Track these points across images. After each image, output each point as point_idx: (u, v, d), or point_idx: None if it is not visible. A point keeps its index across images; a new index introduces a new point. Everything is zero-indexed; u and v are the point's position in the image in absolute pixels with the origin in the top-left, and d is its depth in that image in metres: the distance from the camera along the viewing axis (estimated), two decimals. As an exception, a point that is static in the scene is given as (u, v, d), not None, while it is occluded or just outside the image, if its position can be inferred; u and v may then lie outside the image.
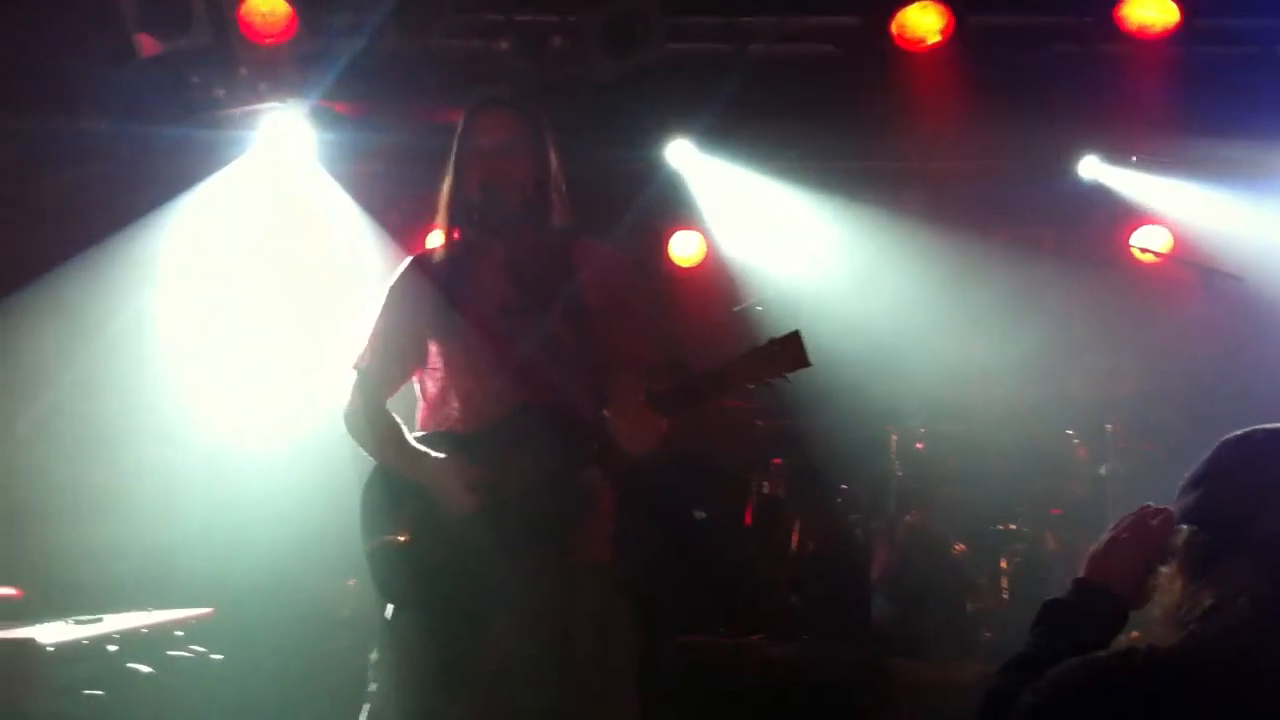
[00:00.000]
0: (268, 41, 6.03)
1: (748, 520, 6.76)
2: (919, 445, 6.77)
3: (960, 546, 6.51)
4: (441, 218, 3.73)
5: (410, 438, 3.61)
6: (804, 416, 6.62)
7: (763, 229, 7.51)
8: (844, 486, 6.79)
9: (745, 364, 3.51)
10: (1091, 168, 7.22)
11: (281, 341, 6.43)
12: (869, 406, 6.75)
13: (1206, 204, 7.10)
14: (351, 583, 5.88)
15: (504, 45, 6.51)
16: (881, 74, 6.54)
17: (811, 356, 3.51)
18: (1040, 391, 6.94)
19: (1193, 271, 6.88)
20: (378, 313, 3.73)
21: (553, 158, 3.71)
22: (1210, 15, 6.27)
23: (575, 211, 3.77)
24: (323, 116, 6.57)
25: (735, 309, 6.43)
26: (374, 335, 3.72)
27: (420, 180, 4.10)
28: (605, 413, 3.48)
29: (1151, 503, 2.49)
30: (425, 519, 3.51)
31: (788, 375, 3.52)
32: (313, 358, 5.93)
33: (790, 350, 3.51)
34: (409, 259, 3.81)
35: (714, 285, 7.48)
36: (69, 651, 4.06)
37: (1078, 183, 7.27)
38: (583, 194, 3.87)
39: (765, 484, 6.73)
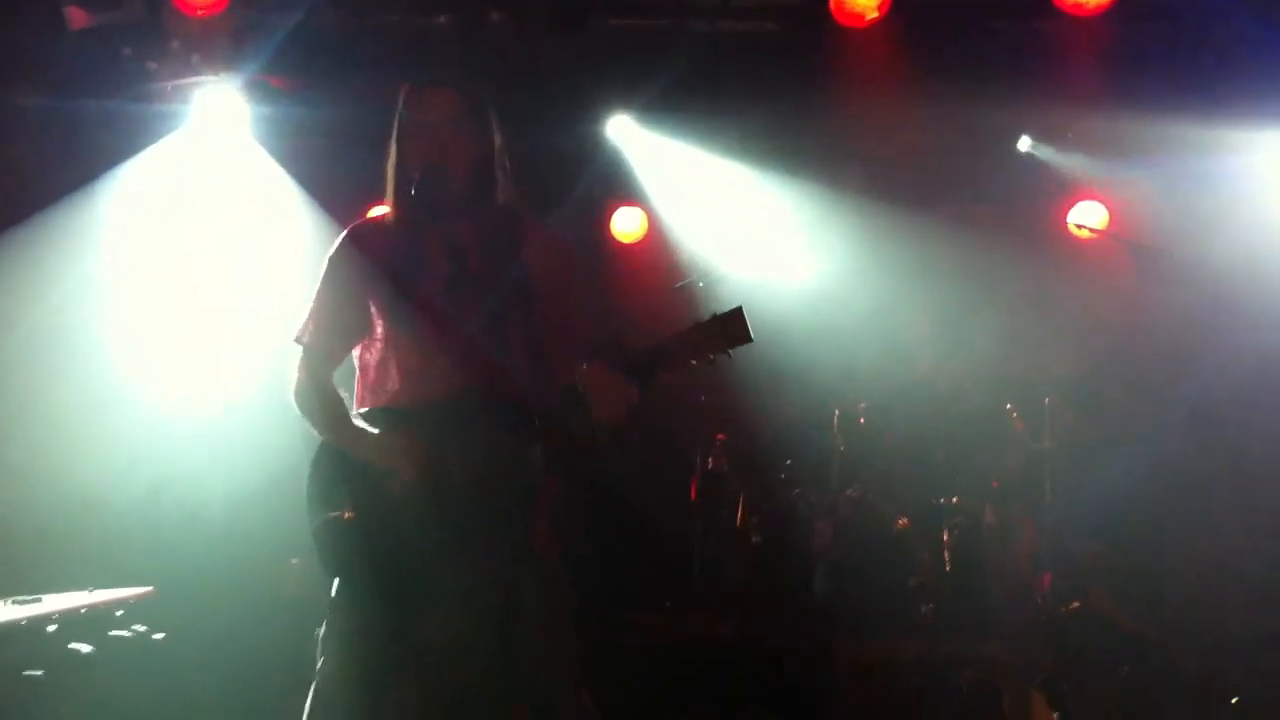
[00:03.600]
0: (200, 14, 5.92)
1: (692, 496, 6.78)
2: (861, 420, 6.82)
3: (902, 521, 6.56)
4: (388, 193, 3.69)
5: (354, 415, 3.58)
6: (748, 393, 6.65)
7: (705, 205, 7.53)
8: (788, 462, 6.81)
9: (688, 339, 3.51)
10: (1028, 145, 7.29)
11: (222, 316, 6.35)
12: (812, 383, 6.80)
13: (1141, 180, 7.19)
14: (295, 561, 5.84)
15: (442, 20, 6.47)
16: (821, 51, 6.57)
17: (754, 332, 3.51)
18: (981, 367, 7.01)
19: (1128, 248, 6.98)
20: (318, 284, 3.68)
21: (495, 135, 3.68)
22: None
23: (518, 189, 3.75)
24: (258, 90, 6.48)
25: (677, 285, 6.45)
26: (315, 308, 3.66)
27: (358, 157, 4.06)
28: (577, 383, 3.47)
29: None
30: (372, 496, 3.48)
31: (730, 351, 3.52)
32: (254, 332, 5.86)
33: (733, 326, 3.51)
34: (348, 228, 3.74)
35: (656, 261, 7.49)
36: (8, 632, 4.00)
37: (1016, 160, 7.34)
38: (526, 171, 3.84)
39: (709, 460, 6.75)
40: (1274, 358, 6.52)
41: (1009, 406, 6.72)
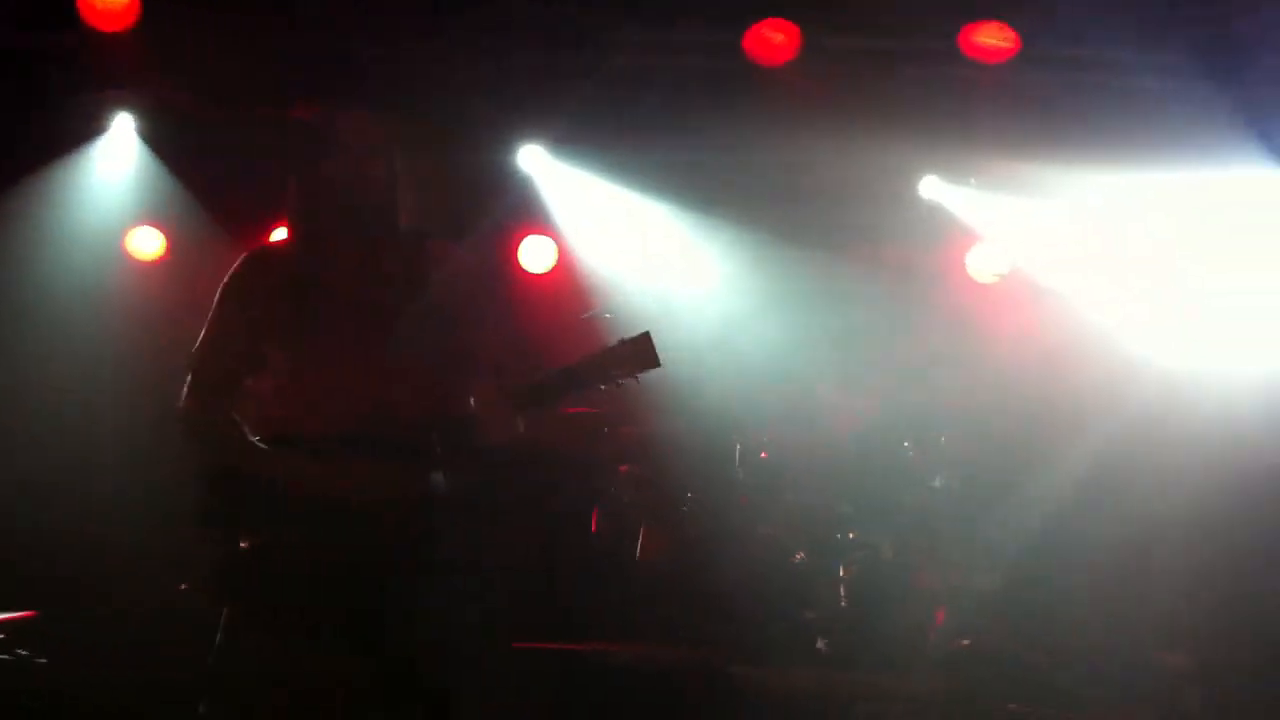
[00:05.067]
0: (108, 29, 5.86)
1: (593, 528, 6.78)
2: (763, 455, 6.87)
3: (799, 554, 6.62)
4: (291, 217, 3.65)
5: (247, 439, 3.52)
6: (651, 425, 6.69)
7: (615, 238, 7.56)
8: (689, 494, 6.84)
9: (596, 362, 3.55)
10: (932, 187, 7.43)
11: (120, 334, 6.25)
12: (715, 415, 6.84)
13: (1041, 225, 7.37)
14: (183, 587, 5.73)
15: (359, 41, 6.45)
16: (737, 88, 6.67)
17: (661, 357, 3.56)
18: (881, 404, 7.10)
19: (1027, 288, 7.14)
20: (212, 310, 3.62)
21: (398, 159, 3.68)
22: (1047, 44, 6.50)
23: (427, 213, 3.74)
24: (164, 109, 6.42)
25: (584, 315, 6.47)
26: (208, 334, 3.58)
27: (263, 177, 4.03)
28: (466, 410, 3.48)
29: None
30: (272, 523, 3.45)
31: (638, 375, 3.57)
32: (149, 351, 5.77)
33: (640, 350, 3.56)
34: (246, 254, 3.67)
35: (565, 292, 7.49)
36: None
37: (921, 201, 7.48)
38: (435, 195, 3.85)
39: (612, 490, 6.76)
40: (1175, 391, 6.69)
41: (906, 444, 6.82)
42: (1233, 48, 6.28)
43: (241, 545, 3.43)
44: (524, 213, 7.48)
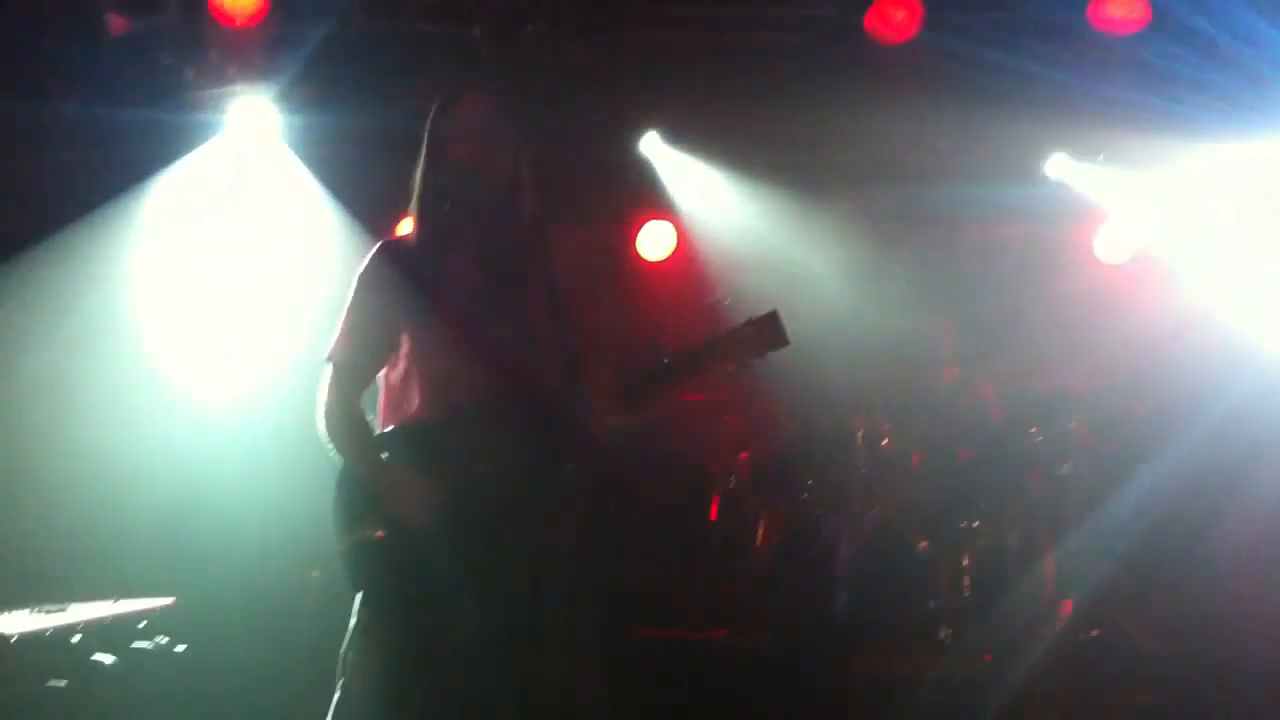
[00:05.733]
0: (238, 24, 5.97)
1: (713, 515, 6.76)
2: (885, 442, 6.78)
3: (924, 543, 6.53)
4: (414, 203, 3.69)
5: (373, 444, 3.57)
6: (771, 411, 6.65)
7: (735, 223, 7.51)
8: (809, 482, 6.78)
9: (723, 342, 3.54)
10: (1059, 166, 7.25)
11: (254, 327, 6.37)
12: (836, 401, 6.77)
13: (1170, 202, 7.16)
14: (315, 574, 5.85)
15: (476, 30, 6.48)
16: (855, 67, 6.56)
17: (790, 336, 3.53)
18: (1004, 386, 6.97)
19: (1156, 271, 6.95)
20: (348, 301, 3.68)
21: (523, 143, 3.70)
22: (1179, 14, 6.28)
23: (548, 199, 3.76)
24: (292, 99, 6.51)
25: (706, 302, 6.43)
26: (345, 325, 3.66)
27: (390, 165, 4.07)
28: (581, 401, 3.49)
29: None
30: (393, 517, 3.49)
31: (765, 354, 3.54)
32: (285, 344, 5.87)
33: (768, 330, 3.54)
34: (378, 245, 3.72)
35: (685, 278, 7.47)
36: (33, 641, 4.03)
37: (1045, 181, 7.30)
38: (555, 182, 3.85)
39: (731, 478, 6.73)
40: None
41: (1033, 430, 6.69)
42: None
43: (376, 536, 3.48)
44: (644, 199, 7.46)
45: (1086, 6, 6.21)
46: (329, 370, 3.66)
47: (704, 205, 7.43)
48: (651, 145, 7.18)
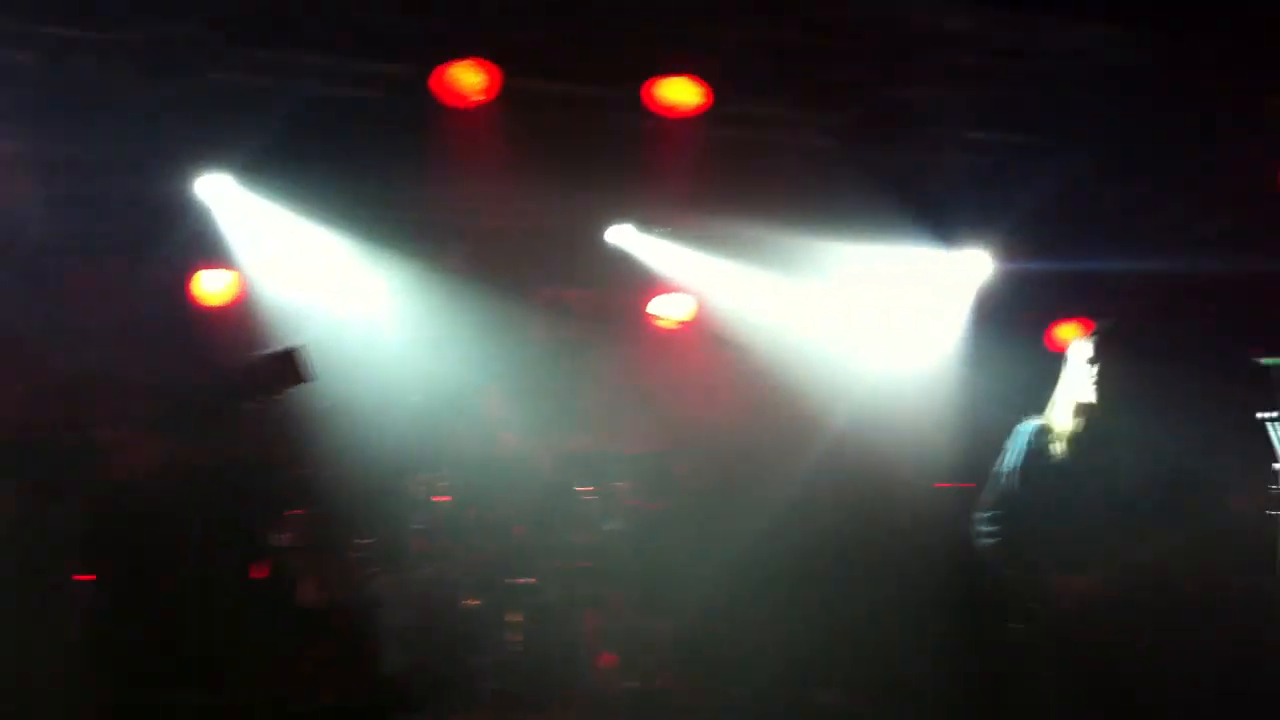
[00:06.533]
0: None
1: (258, 574, 6.53)
2: (441, 498, 6.78)
3: (474, 600, 6.57)
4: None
5: None
6: (325, 466, 6.51)
7: (303, 271, 7.36)
8: (362, 539, 6.68)
9: (239, 376, 3.44)
10: (621, 235, 7.54)
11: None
12: (392, 457, 6.73)
13: (726, 276, 7.59)
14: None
15: (22, 57, 6.10)
16: (429, 126, 6.59)
17: (313, 372, 3.46)
18: (559, 447, 7.14)
19: (707, 339, 7.33)
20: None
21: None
22: (737, 101, 6.67)
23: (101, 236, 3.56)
24: None
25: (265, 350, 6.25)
26: None
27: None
28: (97, 436, 3.33)
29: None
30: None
31: (289, 390, 3.47)
32: None
33: (288, 366, 3.46)
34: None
35: (246, 324, 7.23)
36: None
37: (609, 248, 7.57)
38: (113, 219, 3.65)
39: (280, 536, 6.52)
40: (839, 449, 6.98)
41: (581, 487, 6.87)
42: (899, 117, 6.61)
43: None
44: (204, 242, 7.17)
45: (648, 86, 6.48)
46: None
47: (267, 252, 7.25)
48: (215, 186, 6.94)
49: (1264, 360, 4.88)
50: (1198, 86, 6.23)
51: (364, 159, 6.76)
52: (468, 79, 6.37)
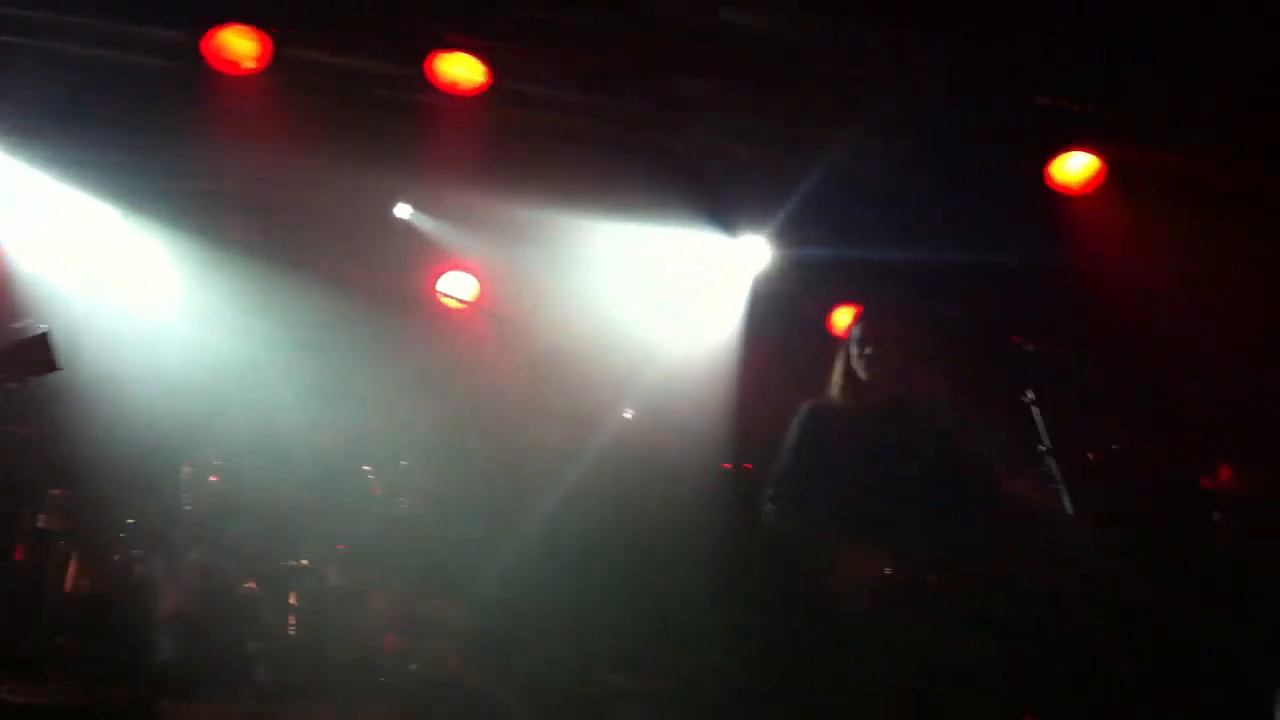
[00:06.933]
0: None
1: (18, 555, 6.21)
2: (214, 479, 6.56)
3: (251, 584, 6.38)
4: None
5: None
6: (90, 446, 6.23)
7: (70, 244, 7.01)
8: (130, 521, 6.42)
9: None
10: (406, 212, 7.41)
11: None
12: (163, 437, 6.48)
13: (510, 259, 7.54)
14: None
15: None
16: (202, 94, 6.35)
17: (60, 360, 3.28)
18: (343, 428, 6.99)
19: (491, 317, 7.28)
20: None
21: None
22: (518, 81, 6.62)
23: None
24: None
25: (15, 328, 5.94)
26: None
27: None
28: None
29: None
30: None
31: (31, 378, 3.27)
32: None
33: (34, 352, 3.27)
34: None
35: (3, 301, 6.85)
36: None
37: (393, 225, 7.44)
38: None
39: (41, 517, 6.21)
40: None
41: (367, 469, 6.75)
42: (680, 105, 6.68)
43: None
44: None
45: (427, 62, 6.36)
46: None
47: (27, 223, 6.88)
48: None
49: (1026, 346, 5.13)
50: (970, 84, 6.46)
51: (135, 127, 6.51)
52: (239, 46, 6.17)
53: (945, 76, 6.28)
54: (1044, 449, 4.71)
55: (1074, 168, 6.82)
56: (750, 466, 6.83)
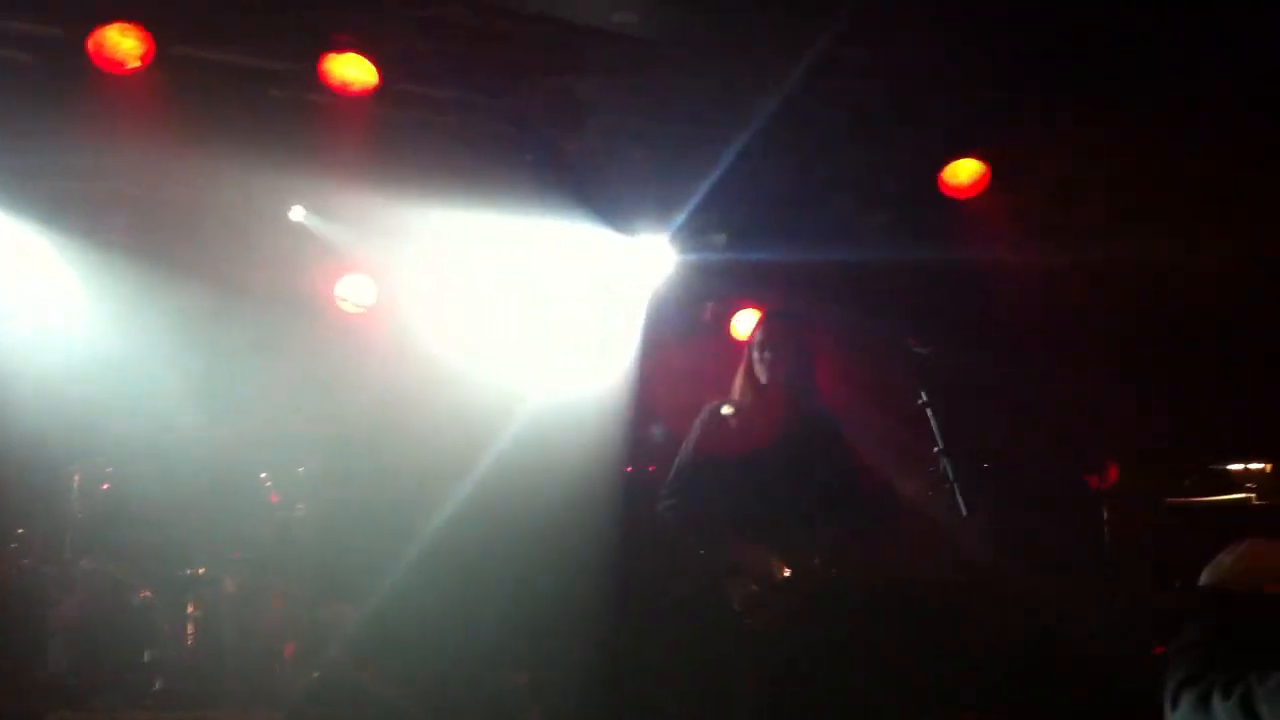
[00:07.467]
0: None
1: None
2: (105, 486, 6.44)
3: (145, 592, 6.27)
4: None
5: None
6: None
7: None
8: (19, 530, 6.27)
9: None
10: (301, 214, 7.31)
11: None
12: (50, 444, 6.34)
13: (405, 258, 7.47)
14: None
15: None
16: (85, 92, 6.18)
17: None
18: (238, 433, 6.88)
19: (391, 321, 7.23)
20: None
21: None
22: (410, 82, 6.55)
23: None
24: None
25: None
26: None
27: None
28: None
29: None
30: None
31: None
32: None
33: None
34: None
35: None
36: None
37: (288, 227, 7.33)
38: None
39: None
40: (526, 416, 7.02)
41: (264, 475, 6.67)
42: (574, 105, 6.66)
43: None
44: None
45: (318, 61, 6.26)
46: None
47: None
48: None
49: (919, 349, 5.22)
50: (863, 88, 6.54)
51: (14, 124, 6.32)
52: (123, 44, 6.02)
53: (833, 82, 6.36)
54: (938, 449, 4.78)
55: (962, 171, 6.96)
56: (654, 469, 6.87)
